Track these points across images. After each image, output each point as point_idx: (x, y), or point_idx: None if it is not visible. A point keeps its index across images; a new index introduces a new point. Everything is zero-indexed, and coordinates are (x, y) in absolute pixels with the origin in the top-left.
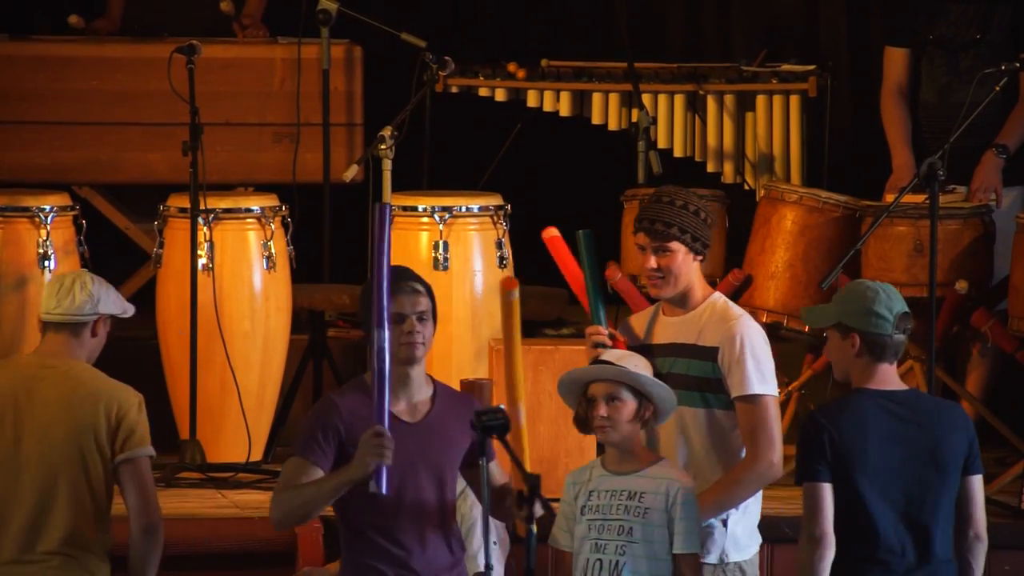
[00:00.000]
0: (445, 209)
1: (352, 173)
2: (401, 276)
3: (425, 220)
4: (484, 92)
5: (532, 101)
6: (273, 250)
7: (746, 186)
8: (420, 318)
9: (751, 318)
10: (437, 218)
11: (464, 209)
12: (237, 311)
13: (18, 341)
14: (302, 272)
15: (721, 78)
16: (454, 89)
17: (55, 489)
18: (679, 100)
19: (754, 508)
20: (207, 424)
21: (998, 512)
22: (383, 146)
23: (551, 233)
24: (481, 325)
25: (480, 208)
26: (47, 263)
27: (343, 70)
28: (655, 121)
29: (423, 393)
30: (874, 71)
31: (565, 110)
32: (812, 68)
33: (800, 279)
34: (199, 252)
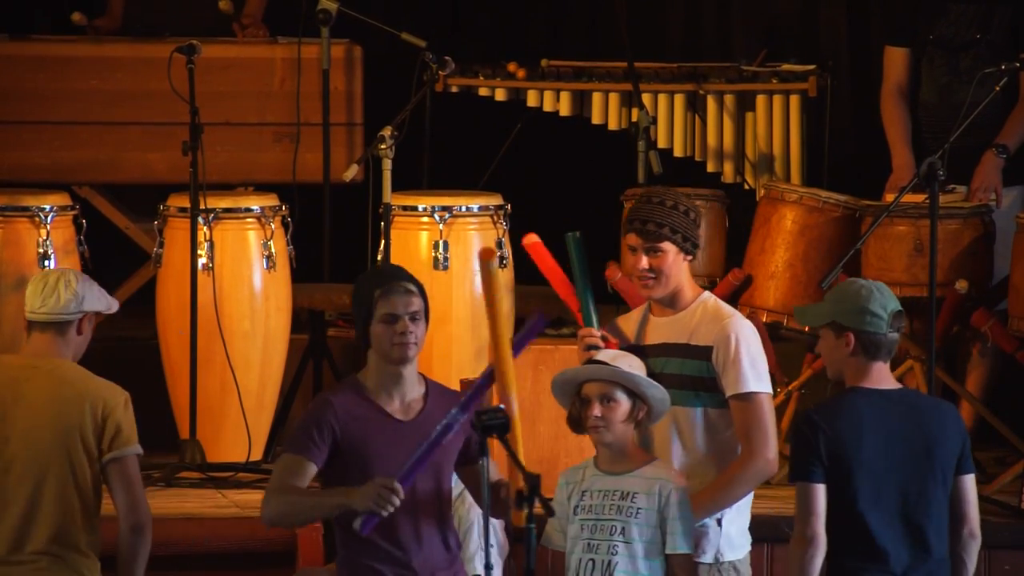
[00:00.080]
0: (445, 209)
1: (352, 173)
2: (393, 276)
3: (425, 220)
4: (484, 92)
5: (532, 101)
6: (273, 250)
7: (746, 186)
8: (413, 318)
9: (743, 316)
10: (437, 218)
11: (464, 209)
12: (237, 311)
13: (18, 341)
14: (302, 272)
15: (721, 78)
16: (454, 89)
17: (43, 489)
18: (679, 100)
19: (747, 507)
20: (207, 424)
21: (998, 512)
22: (383, 146)
23: (531, 239)
24: (481, 325)
25: (480, 208)
26: (47, 263)
27: (343, 70)
28: (655, 121)
29: (415, 392)
30: (874, 71)
31: (565, 110)
32: (812, 68)
33: (800, 279)
34: (199, 252)
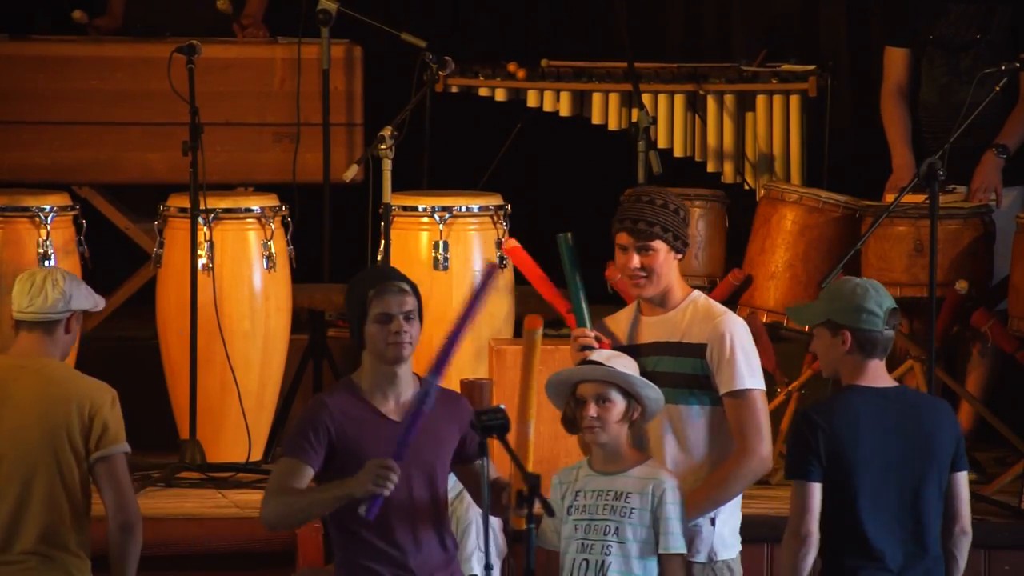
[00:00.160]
0: (445, 209)
1: (352, 173)
2: (387, 275)
3: (425, 220)
4: (484, 92)
5: (532, 101)
6: (273, 250)
7: (746, 186)
8: (407, 317)
9: (734, 314)
10: (437, 218)
11: (464, 209)
12: (237, 311)
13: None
14: (302, 272)
15: (721, 78)
16: (454, 89)
17: (31, 489)
18: (679, 100)
19: (739, 507)
20: (207, 424)
21: (998, 512)
22: (383, 146)
23: (511, 244)
24: (481, 325)
25: (480, 208)
26: (47, 263)
27: (343, 70)
28: (655, 121)
29: (410, 392)
30: (874, 71)
31: (565, 110)
32: (812, 68)
33: (800, 279)
34: (199, 252)
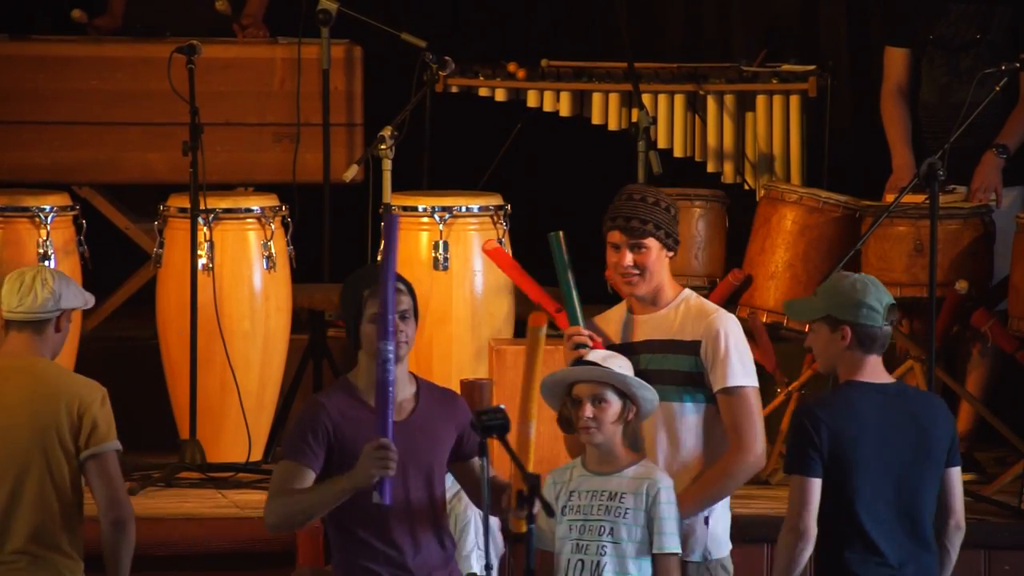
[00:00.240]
0: (445, 209)
1: (352, 173)
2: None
3: (425, 220)
4: (484, 92)
5: (532, 101)
6: (273, 250)
7: (746, 186)
8: (402, 317)
9: (726, 311)
10: (437, 218)
11: (464, 209)
12: (237, 311)
13: None
14: (302, 272)
15: (721, 78)
16: (454, 89)
17: (22, 489)
18: (679, 100)
19: (728, 506)
20: (207, 424)
21: (998, 512)
22: (383, 146)
23: (491, 245)
24: (481, 325)
25: (480, 208)
26: (47, 263)
27: (343, 70)
28: (655, 121)
29: (407, 391)
30: (874, 71)
31: (565, 110)
32: (812, 68)
33: (800, 279)
34: (199, 252)
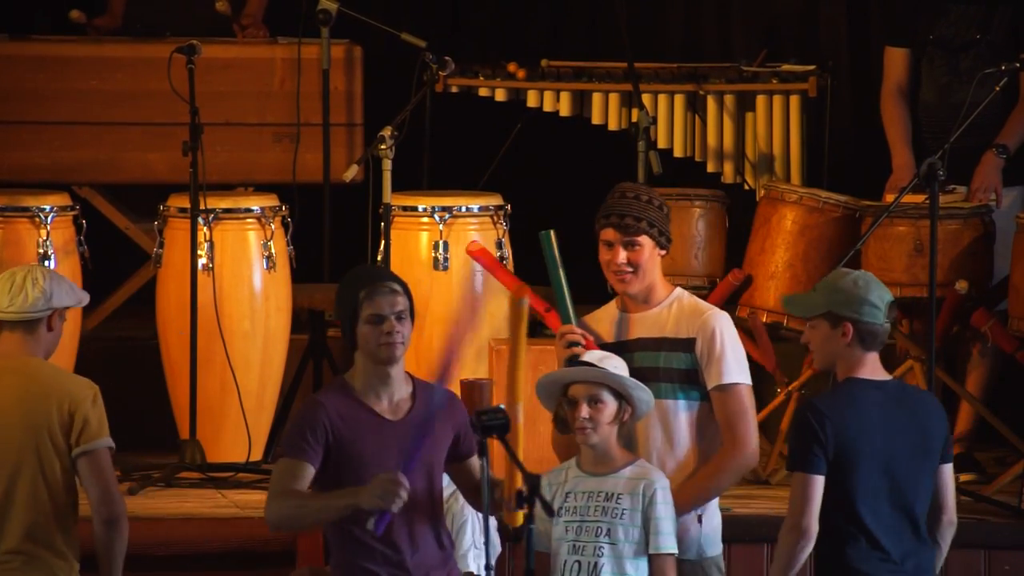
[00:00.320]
0: (445, 209)
1: (352, 173)
2: (377, 276)
3: (425, 220)
4: (484, 92)
5: (532, 101)
6: (273, 250)
7: (746, 186)
8: (398, 317)
9: (720, 309)
10: (437, 218)
11: (464, 209)
12: (237, 311)
13: None
14: (302, 272)
15: (721, 78)
16: (454, 89)
17: (14, 489)
18: (679, 100)
19: (717, 505)
20: (207, 424)
21: (998, 512)
22: (383, 146)
23: (475, 247)
24: (481, 325)
25: (480, 208)
26: (47, 263)
27: (343, 70)
28: (655, 121)
29: (403, 391)
30: (874, 71)
31: (565, 110)
32: (812, 68)
33: (800, 279)
34: (199, 252)
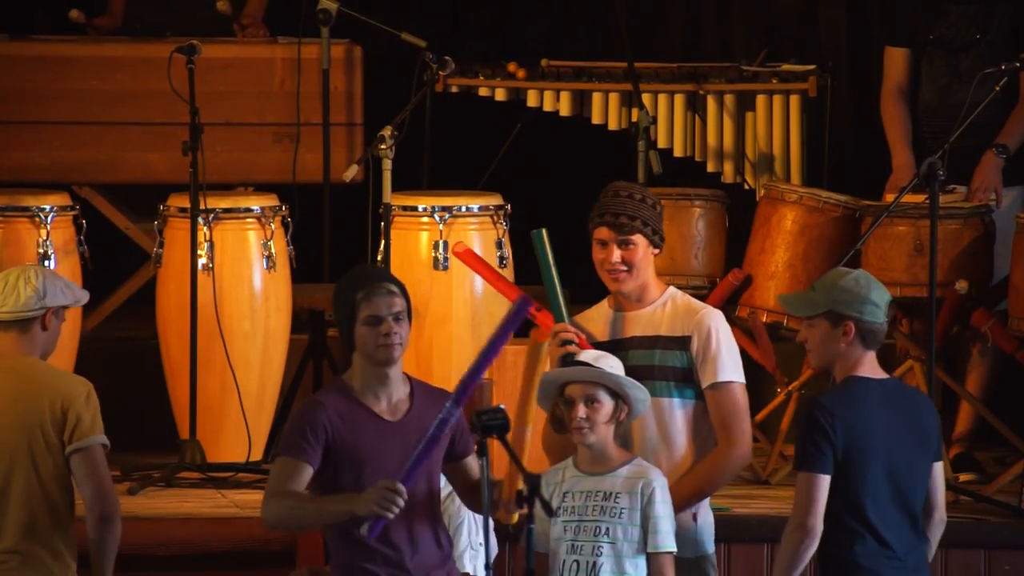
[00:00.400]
0: (445, 209)
1: (352, 173)
2: (375, 277)
3: (425, 220)
4: (484, 92)
5: (532, 101)
6: (273, 250)
7: (746, 186)
8: (396, 318)
9: (714, 308)
10: (437, 218)
11: (464, 209)
12: (237, 311)
13: None
14: (302, 272)
15: (721, 78)
16: (454, 89)
17: (9, 488)
18: (679, 100)
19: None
20: (207, 424)
21: (998, 512)
22: (383, 146)
23: (461, 247)
24: (481, 325)
25: (480, 208)
26: (47, 263)
27: (343, 70)
28: (655, 121)
29: (401, 392)
30: (874, 71)
31: (565, 110)
32: (812, 68)
33: (800, 279)
34: (199, 252)
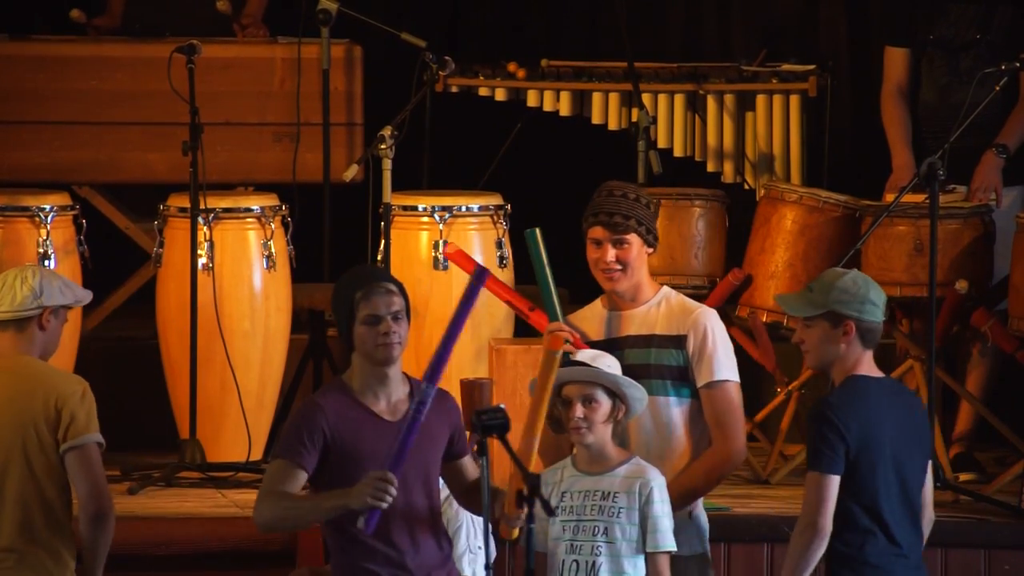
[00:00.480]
0: (445, 209)
1: (352, 173)
2: (373, 276)
3: (425, 220)
4: (484, 92)
5: (532, 101)
6: (273, 250)
7: (746, 186)
8: (395, 318)
9: (709, 307)
10: (437, 218)
11: (464, 209)
12: (237, 311)
13: None
14: (302, 272)
15: (721, 78)
16: (454, 89)
17: (4, 487)
18: (679, 100)
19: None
20: (207, 424)
21: (998, 512)
22: (383, 146)
23: (451, 248)
24: (481, 325)
25: (480, 208)
26: (47, 263)
27: (343, 70)
28: (655, 121)
29: (400, 391)
30: (874, 71)
31: (565, 110)
32: (812, 68)
33: (800, 279)
34: (199, 252)
